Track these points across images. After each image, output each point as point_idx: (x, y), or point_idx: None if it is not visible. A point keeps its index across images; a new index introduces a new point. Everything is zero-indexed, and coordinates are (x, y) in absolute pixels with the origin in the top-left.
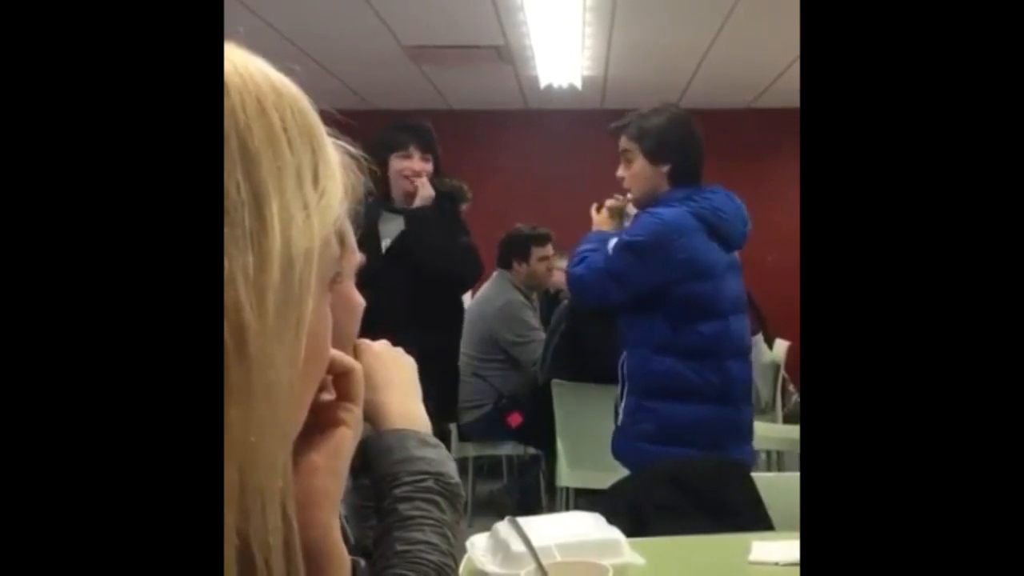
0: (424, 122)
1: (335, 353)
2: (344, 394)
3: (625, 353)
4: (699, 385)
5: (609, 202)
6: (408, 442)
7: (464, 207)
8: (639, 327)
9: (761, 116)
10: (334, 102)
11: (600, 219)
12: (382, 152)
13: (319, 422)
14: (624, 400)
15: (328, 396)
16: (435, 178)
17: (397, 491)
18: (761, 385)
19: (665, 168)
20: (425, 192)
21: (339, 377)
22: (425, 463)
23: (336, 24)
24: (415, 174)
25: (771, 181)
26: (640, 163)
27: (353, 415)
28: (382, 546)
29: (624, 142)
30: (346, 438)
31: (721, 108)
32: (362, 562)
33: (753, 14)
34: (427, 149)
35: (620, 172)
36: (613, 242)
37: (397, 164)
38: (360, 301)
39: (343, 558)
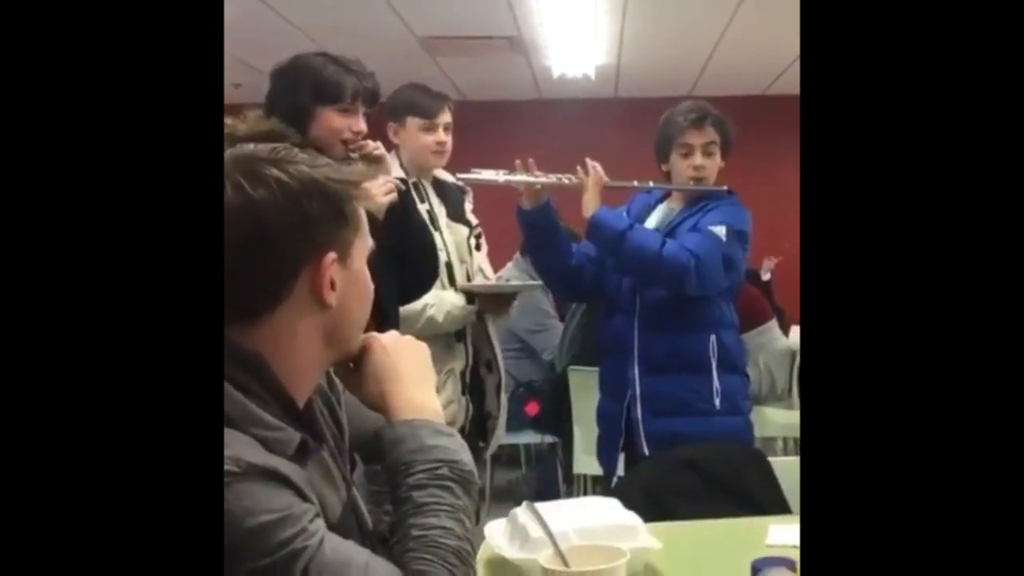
0: (363, 66)
1: None
2: None
3: (714, 336)
4: None
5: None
6: (421, 431)
7: None
8: (726, 309)
9: (775, 103)
10: None
11: (595, 191)
12: (308, 97)
13: None
14: (724, 382)
15: None
16: None
17: (411, 479)
18: (777, 372)
19: (722, 164)
20: (390, 187)
21: None
22: (439, 451)
23: (350, 16)
24: (355, 137)
25: (786, 168)
26: (718, 156)
27: None
28: (399, 532)
29: (711, 133)
30: None
31: (735, 95)
32: None
33: (766, 0)
34: (371, 105)
35: (701, 161)
36: (717, 228)
37: (334, 120)
38: (372, 286)
39: None
